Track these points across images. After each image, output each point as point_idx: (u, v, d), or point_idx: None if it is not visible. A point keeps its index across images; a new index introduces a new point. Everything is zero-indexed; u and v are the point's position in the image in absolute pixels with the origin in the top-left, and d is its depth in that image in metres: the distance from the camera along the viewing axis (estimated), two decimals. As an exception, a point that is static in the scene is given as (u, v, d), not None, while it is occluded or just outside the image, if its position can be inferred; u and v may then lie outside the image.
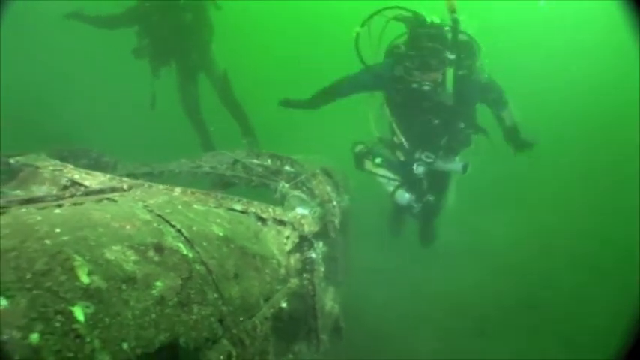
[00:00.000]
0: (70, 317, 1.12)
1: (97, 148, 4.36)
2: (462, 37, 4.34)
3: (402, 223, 6.12)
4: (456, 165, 4.74)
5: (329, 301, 3.55)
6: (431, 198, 4.82)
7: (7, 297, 1.04)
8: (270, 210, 2.45)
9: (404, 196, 4.80)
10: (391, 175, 4.82)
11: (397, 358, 4.91)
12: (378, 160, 4.86)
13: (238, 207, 2.29)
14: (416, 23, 4.29)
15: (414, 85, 4.33)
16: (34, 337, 1.00)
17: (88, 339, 1.12)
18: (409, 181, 4.81)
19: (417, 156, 4.75)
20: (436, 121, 4.60)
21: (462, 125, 4.69)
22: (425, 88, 4.31)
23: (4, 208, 1.58)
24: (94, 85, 8.67)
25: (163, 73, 6.42)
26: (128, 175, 3.89)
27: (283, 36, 12.91)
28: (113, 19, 6.20)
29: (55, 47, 8.39)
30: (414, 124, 4.72)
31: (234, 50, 8.58)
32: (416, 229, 5.90)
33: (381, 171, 4.83)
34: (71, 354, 1.05)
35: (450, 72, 4.30)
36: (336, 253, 3.93)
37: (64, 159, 3.40)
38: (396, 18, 4.42)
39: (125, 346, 1.23)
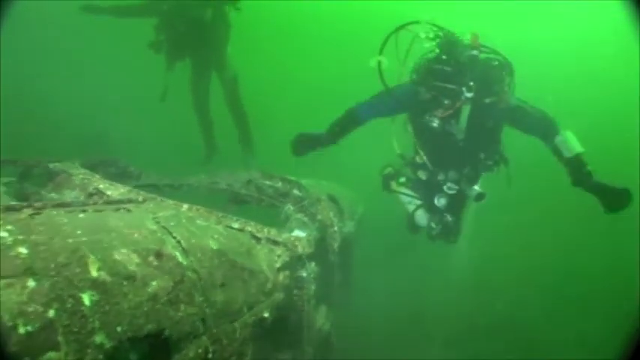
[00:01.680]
0: (79, 301, 1.47)
1: (124, 157, 4.78)
2: (493, 61, 4.11)
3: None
4: (471, 192, 4.50)
5: (320, 319, 3.84)
6: (450, 218, 4.57)
7: (35, 280, 1.39)
8: (265, 230, 2.77)
9: (423, 217, 4.68)
10: (413, 195, 4.72)
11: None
12: (402, 180, 4.76)
13: (236, 225, 2.63)
14: (446, 43, 4.03)
15: (425, 118, 4.19)
16: (51, 312, 1.35)
17: (91, 319, 1.46)
18: (430, 202, 4.64)
19: (440, 177, 4.56)
20: (452, 146, 4.37)
21: (482, 155, 4.43)
22: (433, 125, 4.17)
23: (40, 209, 1.95)
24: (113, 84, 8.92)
25: (178, 68, 6.42)
26: (150, 185, 4.31)
27: (302, 44, 12.47)
28: (132, 9, 6.29)
29: (71, 45, 8.67)
30: (434, 146, 4.52)
31: (250, 56, 8.69)
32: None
33: (404, 190, 4.74)
34: (76, 329, 1.39)
35: (466, 107, 4.11)
36: (333, 275, 4.23)
37: (94, 167, 3.82)
38: (427, 37, 4.15)
39: (119, 329, 1.57)
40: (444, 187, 4.51)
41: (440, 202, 4.55)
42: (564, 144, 3.94)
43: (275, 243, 2.81)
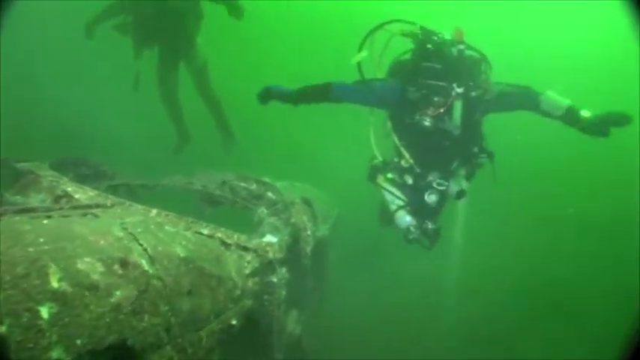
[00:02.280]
0: (36, 315, 1.44)
1: (103, 153, 4.72)
2: (473, 54, 4.12)
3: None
4: (451, 188, 4.43)
5: (291, 323, 3.85)
6: (430, 226, 4.42)
7: (-11, 294, 1.37)
8: (235, 236, 2.76)
9: (404, 219, 4.49)
10: (398, 194, 4.53)
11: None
12: (389, 175, 4.57)
13: (205, 231, 2.62)
14: (424, 40, 4.03)
15: (416, 118, 4.12)
16: (3, 328, 1.32)
17: (48, 333, 1.44)
18: (415, 206, 4.50)
19: (429, 179, 4.46)
20: (447, 143, 4.28)
21: (476, 149, 4.39)
22: (425, 124, 4.09)
23: (1, 215, 1.91)
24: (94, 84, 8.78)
25: (146, 56, 6.27)
26: (123, 185, 4.26)
27: (280, 38, 12.39)
28: (112, 8, 6.16)
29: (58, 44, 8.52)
30: (423, 147, 4.40)
31: (223, 46, 8.57)
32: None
33: (390, 187, 4.55)
34: (31, 344, 1.37)
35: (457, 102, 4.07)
36: (306, 279, 4.23)
37: (65, 167, 3.76)
38: (403, 34, 4.18)
39: (78, 342, 1.55)
40: (434, 184, 4.42)
41: (430, 198, 4.43)
42: (551, 105, 3.98)
43: (245, 249, 2.80)
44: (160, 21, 6.04)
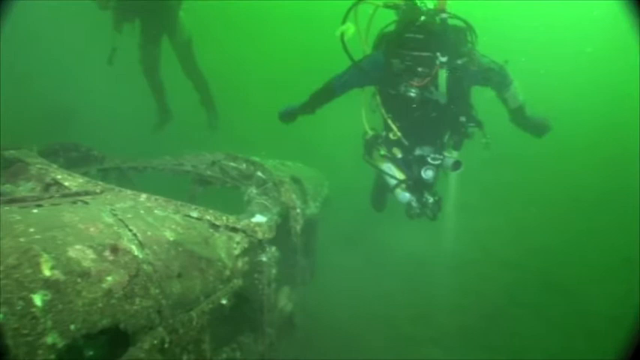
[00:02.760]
0: (30, 303, 1.51)
1: (93, 134, 4.72)
2: (457, 23, 4.10)
3: (385, 200, 5.61)
4: (446, 161, 4.41)
5: (282, 300, 3.95)
6: (430, 199, 4.45)
7: (-17, 285, 1.43)
8: (224, 218, 2.82)
9: (404, 194, 4.51)
10: (395, 170, 4.54)
11: (353, 358, 5.26)
12: (382, 152, 4.59)
13: (194, 214, 2.68)
14: (406, 11, 4.05)
15: (401, 89, 4.13)
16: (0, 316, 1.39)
17: (42, 320, 1.51)
18: (416, 177, 4.51)
19: (419, 152, 4.48)
20: (434, 114, 4.29)
21: (464, 119, 4.38)
22: (411, 95, 4.12)
23: (-9, 206, 1.96)
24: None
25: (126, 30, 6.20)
26: (114, 169, 4.30)
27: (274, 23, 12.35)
28: None
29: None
30: (411, 119, 4.40)
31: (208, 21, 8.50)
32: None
33: (386, 164, 4.56)
34: (26, 331, 1.44)
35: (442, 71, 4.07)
36: (297, 256, 4.32)
37: (55, 152, 3.79)
38: (386, 6, 4.21)
39: (72, 327, 1.62)
40: (429, 159, 4.42)
41: (427, 174, 4.44)
42: (513, 96, 4.28)
43: (234, 230, 2.87)
44: None
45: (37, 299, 1.54)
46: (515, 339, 5.69)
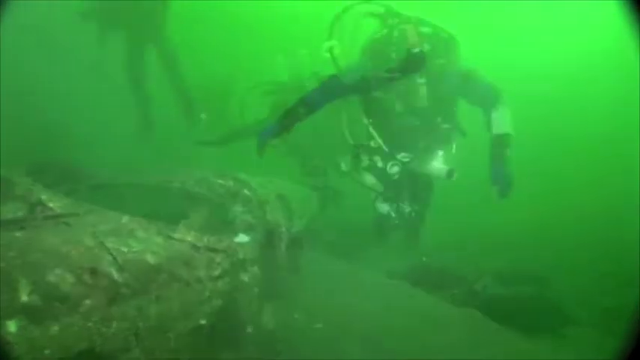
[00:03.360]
0: (5, 328, 1.57)
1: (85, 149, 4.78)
2: (441, 34, 4.18)
3: (385, 234, 5.46)
4: (439, 169, 4.39)
5: (264, 317, 4.00)
6: (407, 209, 4.46)
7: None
8: (205, 239, 2.89)
9: (383, 206, 4.55)
10: (374, 182, 4.57)
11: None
12: (364, 163, 4.57)
13: (176, 235, 2.74)
14: (390, 25, 4.15)
15: (381, 96, 4.19)
16: (-27, 343, 1.45)
17: (16, 346, 1.57)
18: (389, 190, 4.52)
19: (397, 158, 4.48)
20: (414, 119, 4.30)
21: (440, 119, 4.37)
22: (391, 102, 4.19)
23: (-26, 230, 2.02)
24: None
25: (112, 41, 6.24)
26: (102, 186, 4.36)
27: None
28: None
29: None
30: (392, 125, 4.40)
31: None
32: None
33: (367, 177, 4.58)
34: None
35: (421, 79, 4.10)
36: (282, 273, 4.38)
37: (44, 169, 3.85)
38: (371, 15, 4.27)
39: (47, 352, 1.68)
40: (398, 156, 4.38)
41: (392, 169, 4.38)
42: (497, 120, 4.04)
43: (214, 251, 2.93)
44: (127, 3, 6.04)
45: (12, 325, 1.60)
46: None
